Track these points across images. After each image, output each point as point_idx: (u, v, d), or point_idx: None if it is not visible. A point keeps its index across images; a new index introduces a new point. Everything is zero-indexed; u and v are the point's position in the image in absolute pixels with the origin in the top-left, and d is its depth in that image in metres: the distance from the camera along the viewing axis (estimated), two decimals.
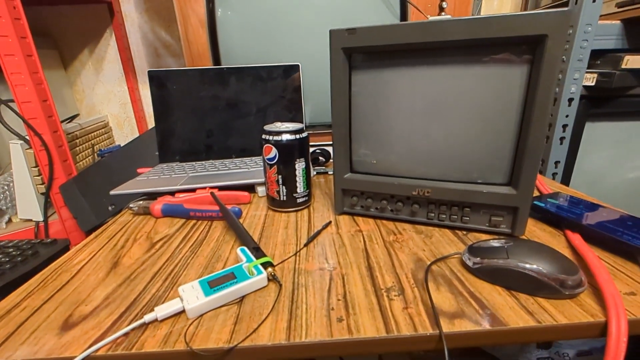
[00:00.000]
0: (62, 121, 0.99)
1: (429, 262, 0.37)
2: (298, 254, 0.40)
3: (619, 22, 0.71)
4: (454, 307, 0.30)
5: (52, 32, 1.14)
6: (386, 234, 0.44)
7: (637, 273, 0.34)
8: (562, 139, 0.78)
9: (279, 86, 0.77)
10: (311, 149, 0.79)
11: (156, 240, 0.45)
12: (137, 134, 1.26)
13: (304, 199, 0.52)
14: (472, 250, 0.36)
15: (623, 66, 0.70)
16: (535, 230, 0.44)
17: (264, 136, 0.49)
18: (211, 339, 0.28)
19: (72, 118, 1.07)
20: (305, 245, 0.42)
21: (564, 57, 0.73)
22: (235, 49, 0.79)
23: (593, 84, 0.73)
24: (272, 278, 0.34)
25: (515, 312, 0.29)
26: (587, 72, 0.73)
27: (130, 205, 0.53)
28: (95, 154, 1.04)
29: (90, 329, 0.29)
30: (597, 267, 0.33)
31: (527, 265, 0.31)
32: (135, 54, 1.18)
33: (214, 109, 0.77)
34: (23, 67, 0.75)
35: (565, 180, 0.83)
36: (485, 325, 0.28)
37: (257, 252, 0.37)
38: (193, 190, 0.57)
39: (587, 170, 0.85)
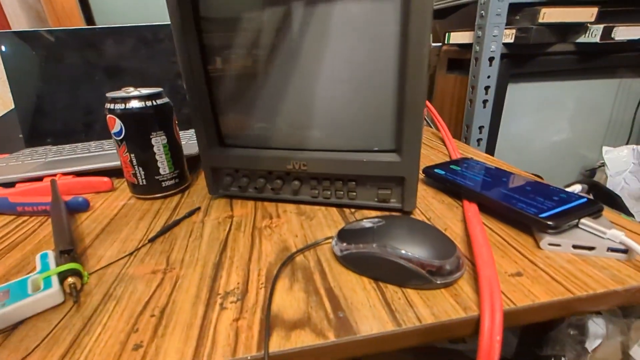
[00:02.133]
0: None
1: (294, 251, 0.30)
2: (135, 253, 0.31)
3: None
4: (300, 312, 0.23)
5: None
6: (261, 218, 0.37)
7: (529, 247, 0.29)
8: (485, 102, 0.74)
9: (169, 49, 0.65)
10: None
11: None
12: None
13: (171, 182, 0.42)
14: (342, 234, 0.29)
15: (540, 20, 0.65)
16: (433, 203, 0.38)
17: (106, 105, 0.38)
18: None
19: None
20: (151, 240, 0.33)
21: (482, 12, 0.67)
22: (112, 4, 0.65)
23: (512, 40, 0.68)
24: (71, 292, 0.25)
25: (374, 313, 0.23)
26: (506, 29, 0.68)
27: None
28: None
29: None
30: (479, 244, 0.27)
31: (393, 251, 0.25)
32: (13, 19, 0.98)
33: (90, 80, 0.63)
34: None
35: (491, 146, 0.80)
36: (329, 337, 0.21)
37: (65, 255, 0.28)
38: (39, 178, 0.45)
39: (512, 134, 0.83)
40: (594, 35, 0.68)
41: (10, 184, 0.45)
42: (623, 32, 0.68)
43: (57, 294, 0.25)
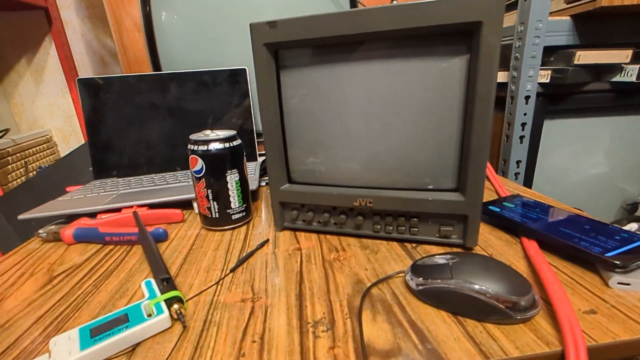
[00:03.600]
0: None
1: (369, 284, 0.32)
2: (221, 282, 0.34)
3: (568, 18, 0.70)
4: (389, 342, 0.25)
5: None
6: (328, 251, 0.39)
7: (597, 285, 0.30)
8: (521, 137, 0.76)
9: (225, 92, 0.72)
10: (262, 158, 0.74)
11: (58, 273, 0.38)
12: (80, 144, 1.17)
13: (240, 214, 0.46)
14: (416, 269, 0.31)
15: (576, 62, 0.68)
16: (491, 239, 0.40)
17: (189, 146, 0.43)
18: None
19: (3, 133, 0.97)
20: (232, 270, 0.36)
21: (517, 54, 0.71)
22: (176, 53, 0.73)
23: (548, 80, 0.71)
24: (177, 317, 0.28)
25: (460, 345, 0.25)
26: (541, 69, 0.72)
27: (40, 232, 0.46)
28: (31, 173, 0.95)
29: None
30: (550, 282, 0.28)
31: (473, 286, 0.27)
32: (79, 63, 1.09)
33: (154, 119, 0.70)
34: None
35: (528, 179, 0.81)
36: None
37: (166, 283, 0.31)
38: (118, 210, 0.50)
39: (548, 168, 0.84)
40: (630, 75, 0.70)
41: (92, 215, 0.50)
42: None
43: (167, 319, 0.28)
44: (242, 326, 0.28)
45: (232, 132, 0.45)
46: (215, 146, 0.42)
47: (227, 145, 0.43)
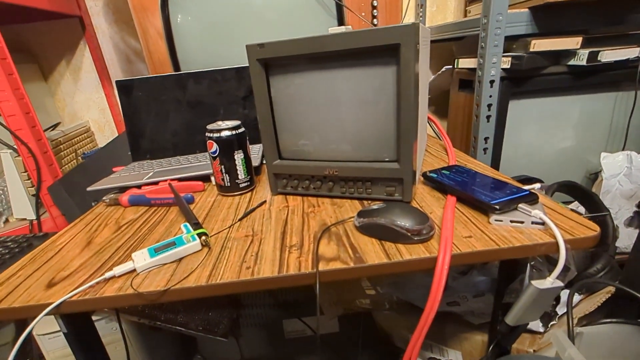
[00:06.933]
0: (46, 129, 1.08)
1: (329, 224, 0.48)
2: (232, 226, 0.51)
3: (526, 10, 0.80)
4: (334, 254, 0.41)
5: (31, 47, 1.22)
6: (307, 207, 0.55)
7: (483, 222, 0.45)
8: (488, 117, 0.88)
9: (234, 87, 0.86)
10: None
11: (123, 224, 0.56)
12: (117, 135, 1.36)
13: (246, 184, 0.62)
14: (360, 213, 0.46)
15: (531, 49, 0.79)
16: (426, 196, 0.54)
17: (206, 134, 0.59)
18: (152, 284, 0.38)
19: (54, 126, 1.16)
20: (240, 219, 0.53)
21: (482, 44, 0.82)
22: (192, 55, 0.88)
23: (509, 66, 0.82)
24: (204, 244, 0.45)
25: (377, 255, 0.40)
26: (503, 56, 0.83)
27: (104, 198, 0.64)
28: (79, 157, 1.14)
29: (67, 286, 0.40)
30: (446, 219, 0.43)
31: (389, 221, 0.42)
32: (109, 62, 1.26)
33: (177, 111, 0.86)
34: (6, 85, 0.84)
35: (497, 154, 0.94)
36: (350, 264, 0.39)
37: (196, 225, 0.48)
38: (156, 182, 0.67)
39: (518, 144, 0.96)
40: (581, 59, 0.80)
41: (138, 187, 0.67)
42: (609, 55, 0.80)
43: (198, 244, 0.44)
44: (245, 248, 0.44)
45: (237, 122, 0.60)
46: (225, 134, 0.58)
47: (234, 132, 0.58)
